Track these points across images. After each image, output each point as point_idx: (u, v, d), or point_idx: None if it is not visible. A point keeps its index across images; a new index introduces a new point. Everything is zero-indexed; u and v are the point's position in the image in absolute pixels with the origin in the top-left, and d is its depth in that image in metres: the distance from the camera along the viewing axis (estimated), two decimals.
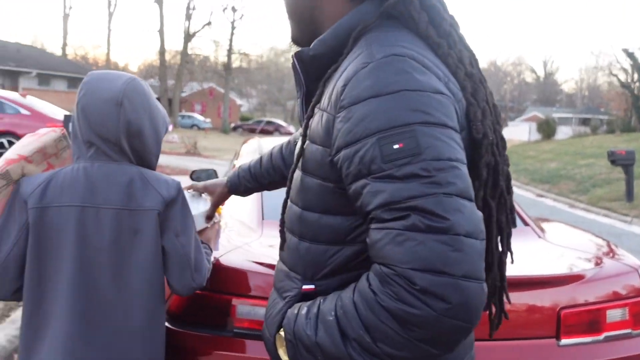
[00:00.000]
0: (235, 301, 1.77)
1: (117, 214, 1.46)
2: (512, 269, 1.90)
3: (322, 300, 0.97)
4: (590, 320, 1.86)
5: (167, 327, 1.80)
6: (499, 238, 1.10)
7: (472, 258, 0.84)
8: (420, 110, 0.90)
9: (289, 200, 1.14)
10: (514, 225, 1.15)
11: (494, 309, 1.21)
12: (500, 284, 1.13)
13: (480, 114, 1.01)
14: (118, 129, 1.48)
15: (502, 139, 1.09)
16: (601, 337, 1.86)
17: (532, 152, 23.79)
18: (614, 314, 1.88)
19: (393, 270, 0.85)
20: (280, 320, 1.05)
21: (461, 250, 0.84)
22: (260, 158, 1.76)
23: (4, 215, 1.49)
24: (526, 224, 2.48)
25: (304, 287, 1.05)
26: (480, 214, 0.90)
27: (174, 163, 14.08)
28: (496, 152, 1.04)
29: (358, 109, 0.92)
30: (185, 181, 1.84)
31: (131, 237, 1.47)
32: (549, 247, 2.25)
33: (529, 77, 79.04)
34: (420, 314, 0.83)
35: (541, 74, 78.18)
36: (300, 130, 1.15)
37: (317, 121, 1.02)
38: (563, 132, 33.67)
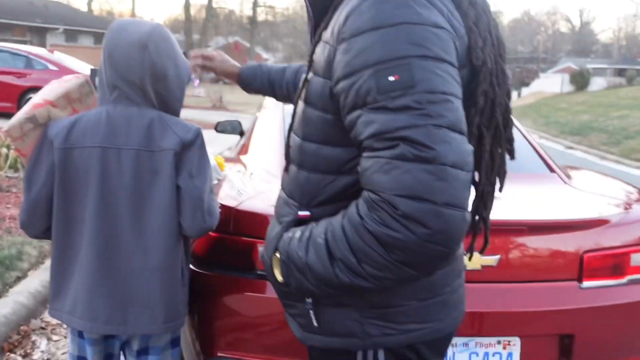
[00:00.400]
0: (258, 245, 1.81)
1: (137, 155, 1.51)
2: (536, 214, 1.90)
3: (314, 225, 1.02)
4: (613, 264, 1.85)
5: (193, 269, 1.85)
6: (490, 170, 1.12)
7: (455, 187, 0.88)
8: (418, 44, 0.91)
9: (291, 130, 1.17)
10: (512, 157, 1.16)
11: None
12: (483, 214, 1.17)
13: (480, 42, 1.02)
14: (143, 71, 1.51)
15: (504, 73, 1.09)
16: (624, 280, 1.85)
17: (564, 104, 23.21)
18: (639, 258, 1.86)
19: (379, 196, 0.89)
20: (277, 243, 1.09)
21: (445, 180, 0.87)
22: (284, 69, 1.76)
23: (34, 157, 1.56)
24: (552, 170, 2.44)
25: (300, 213, 1.09)
26: (470, 147, 0.93)
27: (200, 117, 14.16)
28: (495, 82, 1.05)
29: (358, 41, 0.94)
30: (211, 135, 1.86)
31: (150, 178, 1.52)
32: (575, 192, 2.22)
33: (563, 27, 76.30)
34: (402, 238, 0.88)
35: (577, 23, 75.30)
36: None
37: (320, 53, 1.04)
38: (597, 84, 32.58)
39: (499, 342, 1.78)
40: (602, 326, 1.80)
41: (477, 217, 1.17)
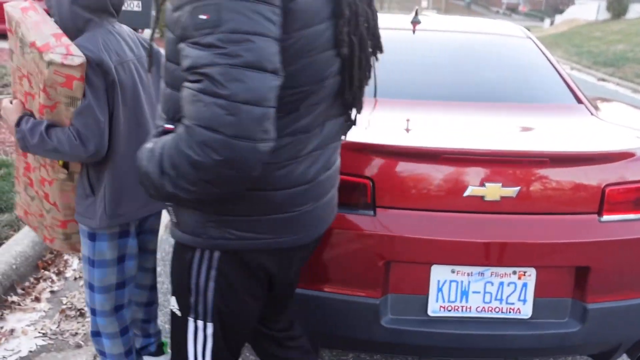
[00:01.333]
0: None
1: (143, 61, 1.80)
2: (558, 145, 1.87)
3: (159, 139, 1.18)
4: (635, 198, 1.82)
5: None
6: (359, 71, 1.29)
7: (245, 122, 1.01)
8: None
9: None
10: (377, 59, 1.36)
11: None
12: (358, 101, 1.35)
13: None
14: None
15: None
16: None
17: (598, 32, 22.25)
18: None
19: (187, 124, 1.04)
20: None
21: (235, 115, 1.00)
22: None
23: (91, 84, 1.63)
24: (580, 101, 2.38)
25: (166, 125, 1.24)
26: (273, 84, 1.04)
27: None
28: None
29: None
30: None
31: (153, 74, 1.85)
32: (602, 124, 2.17)
33: None
34: (202, 160, 1.04)
35: None
36: None
37: None
38: (636, 11, 30.99)
39: (514, 273, 1.80)
40: (618, 260, 1.81)
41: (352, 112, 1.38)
